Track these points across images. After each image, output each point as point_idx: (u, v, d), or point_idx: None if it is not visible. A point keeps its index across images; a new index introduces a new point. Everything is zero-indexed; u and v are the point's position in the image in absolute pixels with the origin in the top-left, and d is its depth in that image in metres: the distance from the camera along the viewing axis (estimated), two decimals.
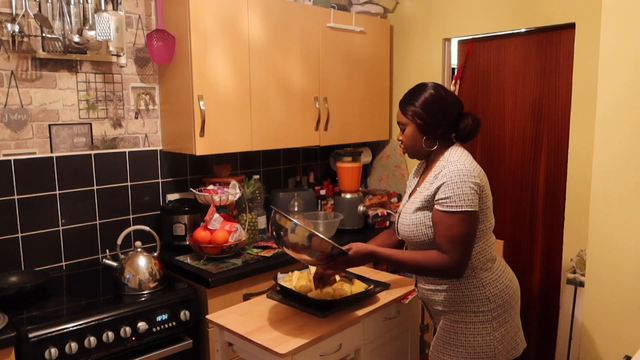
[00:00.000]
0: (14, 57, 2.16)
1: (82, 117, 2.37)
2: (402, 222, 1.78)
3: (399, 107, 1.77)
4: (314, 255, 1.63)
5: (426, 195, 1.68)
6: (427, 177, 1.74)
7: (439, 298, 1.75)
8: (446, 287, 1.73)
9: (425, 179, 1.76)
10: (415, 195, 1.77)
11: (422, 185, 1.75)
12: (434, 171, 1.71)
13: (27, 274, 2.15)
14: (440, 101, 1.71)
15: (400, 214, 1.82)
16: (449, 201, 1.60)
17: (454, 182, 1.61)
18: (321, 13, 2.86)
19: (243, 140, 2.56)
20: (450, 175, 1.62)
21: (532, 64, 2.75)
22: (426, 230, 1.68)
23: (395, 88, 3.40)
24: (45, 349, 1.74)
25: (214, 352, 2.09)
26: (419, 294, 1.88)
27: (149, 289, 2.10)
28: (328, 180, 3.32)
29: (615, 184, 1.98)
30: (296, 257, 1.70)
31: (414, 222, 1.71)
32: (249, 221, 2.53)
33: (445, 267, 1.60)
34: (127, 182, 2.53)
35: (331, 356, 1.76)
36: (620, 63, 1.93)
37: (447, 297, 1.73)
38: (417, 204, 1.72)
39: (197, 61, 2.34)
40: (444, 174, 1.64)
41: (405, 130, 1.76)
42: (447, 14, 3.02)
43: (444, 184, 1.62)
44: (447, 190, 1.61)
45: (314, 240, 1.59)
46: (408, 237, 1.75)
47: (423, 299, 1.86)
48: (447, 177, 1.62)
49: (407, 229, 1.74)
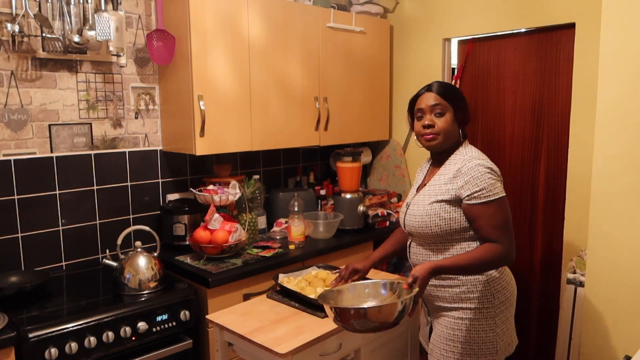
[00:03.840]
0: (14, 57, 2.16)
1: (82, 117, 2.37)
2: (413, 214, 1.77)
3: (437, 91, 1.74)
4: (394, 317, 1.46)
5: (445, 189, 1.69)
6: (441, 171, 1.75)
7: (443, 294, 1.75)
8: (452, 283, 1.73)
9: (436, 172, 1.77)
10: (427, 189, 1.77)
11: (435, 179, 1.76)
12: (451, 166, 1.72)
13: (27, 274, 2.15)
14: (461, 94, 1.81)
15: (409, 207, 1.82)
16: (483, 193, 1.63)
17: (480, 176, 1.64)
18: (321, 13, 2.86)
19: (243, 140, 2.56)
20: (475, 169, 1.65)
21: (532, 64, 2.75)
22: (439, 222, 1.69)
23: (395, 88, 3.40)
24: (45, 349, 1.74)
25: (214, 352, 2.09)
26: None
27: (149, 289, 2.10)
28: (328, 180, 3.32)
29: (615, 184, 1.98)
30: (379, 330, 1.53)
31: (428, 213, 1.71)
32: (249, 221, 2.53)
33: (503, 255, 1.62)
34: (127, 182, 2.53)
35: (331, 356, 1.76)
36: (620, 63, 1.93)
37: (453, 294, 1.72)
38: (433, 197, 1.72)
39: (197, 61, 2.34)
40: (468, 168, 1.66)
41: (444, 115, 1.73)
42: (447, 14, 3.02)
43: (471, 179, 1.64)
44: (476, 184, 1.63)
45: (384, 310, 1.45)
46: (419, 228, 1.75)
47: (424, 296, 1.84)
48: (473, 171, 1.65)
49: (420, 220, 1.73)
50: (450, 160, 1.75)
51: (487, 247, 1.63)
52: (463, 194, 1.66)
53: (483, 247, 1.64)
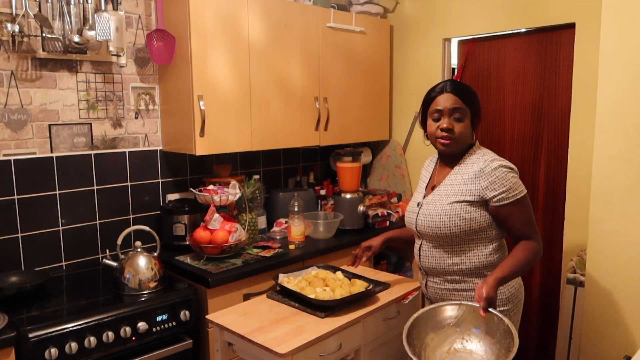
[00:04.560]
0: (14, 57, 2.16)
1: (82, 117, 2.37)
2: (428, 214, 1.74)
3: (457, 93, 1.71)
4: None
5: (466, 189, 1.68)
6: (457, 171, 1.74)
7: (456, 298, 1.73)
8: (466, 287, 1.71)
9: (450, 172, 1.76)
10: (443, 188, 1.75)
11: (451, 178, 1.74)
12: (470, 166, 1.71)
13: (27, 274, 2.15)
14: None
15: (421, 207, 1.79)
16: (509, 193, 1.65)
17: (504, 176, 1.65)
18: (321, 13, 2.86)
19: (243, 140, 2.56)
20: (499, 170, 1.66)
21: (532, 64, 2.75)
22: (459, 222, 1.68)
23: (395, 88, 3.40)
24: (45, 349, 1.74)
25: (214, 352, 2.09)
26: (430, 294, 1.85)
27: (149, 289, 2.10)
28: (328, 180, 3.32)
29: (615, 184, 1.98)
30: None
31: (448, 213, 1.69)
32: (249, 221, 2.53)
33: (538, 250, 1.66)
34: (127, 182, 2.53)
35: (331, 356, 1.76)
36: (620, 63, 1.93)
37: (467, 297, 1.71)
38: (452, 197, 1.70)
39: (197, 61, 2.34)
40: (491, 169, 1.66)
41: (463, 120, 1.71)
42: (447, 14, 3.02)
43: (496, 180, 1.65)
44: (502, 184, 1.65)
45: None
46: (435, 229, 1.72)
47: (434, 298, 1.82)
48: (497, 172, 1.65)
49: (437, 220, 1.70)
50: (467, 160, 1.74)
51: (526, 246, 1.65)
52: (488, 195, 1.66)
53: (524, 247, 1.65)
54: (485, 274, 1.71)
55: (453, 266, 1.74)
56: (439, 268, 1.77)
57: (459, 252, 1.72)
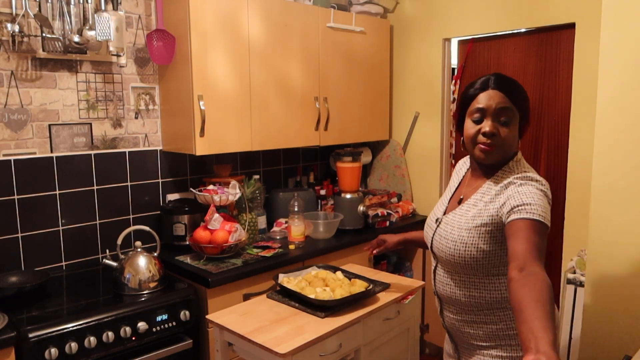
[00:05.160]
0: (14, 57, 2.16)
1: (82, 117, 2.37)
2: (444, 237, 1.47)
3: (503, 89, 1.38)
4: None
5: (485, 209, 1.39)
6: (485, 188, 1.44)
7: (475, 331, 1.48)
8: (487, 320, 1.46)
9: (480, 187, 1.45)
10: (466, 208, 1.46)
11: (477, 197, 1.44)
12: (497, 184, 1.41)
13: (27, 274, 2.15)
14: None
15: (439, 224, 1.52)
16: (529, 207, 1.27)
17: (529, 192, 1.31)
18: (321, 13, 2.86)
19: (243, 140, 2.56)
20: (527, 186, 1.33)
21: (532, 64, 2.75)
22: (477, 254, 1.39)
23: (395, 88, 3.40)
24: (45, 349, 1.74)
25: (214, 352, 2.09)
26: (447, 324, 1.59)
27: (149, 289, 2.10)
28: (328, 180, 3.32)
29: (615, 184, 1.97)
30: None
31: (464, 241, 1.41)
32: (249, 221, 2.53)
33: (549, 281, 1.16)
34: (127, 182, 2.53)
35: (331, 356, 1.76)
36: (620, 63, 1.93)
37: (488, 331, 1.46)
38: (471, 220, 1.41)
39: (197, 61, 2.34)
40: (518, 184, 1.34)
41: (510, 124, 1.38)
42: (447, 14, 3.02)
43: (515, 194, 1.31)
44: (526, 197, 1.30)
45: None
46: (449, 256, 1.45)
47: (451, 329, 1.58)
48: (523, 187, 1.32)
49: (452, 247, 1.43)
50: (501, 175, 1.42)
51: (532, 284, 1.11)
52: (504, 213, 1.32)
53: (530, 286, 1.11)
54: (508, 307, 1.43)
55: (470, 298, 1.47)
56: (454, 297, 1.50)
57: (471, 286, 1.45)
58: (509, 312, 1.42)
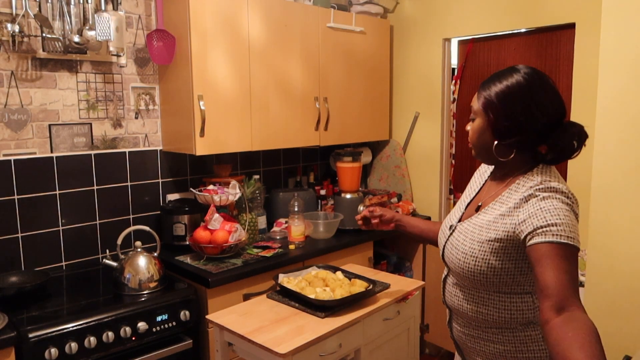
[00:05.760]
0: (14, 57, 2.16)
1: (82, 117, 2.37)
2: (456, 247, 1.37)
3: (480, 88, 1.34)
4: None
5: (501, 223, 1.26)
6: (503, 197, 1.31)
7: (482, 349, 1.39)
8: (492, 338, 1.36)
9: (499, 196, 1.33)
10: (481, 217, 1.34)
11: (495, 206, 1.32)
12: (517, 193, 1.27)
13: (27, 274, 2.15)
14: (528, 97, 1.25)
15: (453, 231, 1.42)
16: (555, 229, 1.13)
17: (558, 208, 1.17)
18: (321, 13, 2.86)
19: (243, 141, 2.56)
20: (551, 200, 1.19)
21: (532, 64, 2.75)
22: (487, 271, 1.28)
23: (395, 88, 3.40)
24: (45, 349, 1.74)
25: (214, 352, 2.09)
26: (455, 337, 1.51)
27: (149, 289, 2.10)
28: (328, 180, 3.32)
29: (615, 184, 1.98)
30: None
31: (474, 254, 1.30)
32: (249, 221, 2.53)
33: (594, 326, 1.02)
34: (127, 182, 2.53)
35: (331, 356, 1.76)
36: (620, 63, 1.93)
37: (495, 352, 1.36)
38: (485, 233, 1.30)
39: (197, 61, 2.34)
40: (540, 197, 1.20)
41: (475, 119, 1.33)
42: (447, 14, 3.02)
43: (538, 212, 1.18)
44: (550, 215, 1.16)
45: None
46: (458, 268, 1.36)
47: (458, 341, 1.50)
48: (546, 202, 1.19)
49: (462, 259, 1.34)
50: (520, 182, 1.29)
51: (583, 328, 0.99)
52: (524, 232, 1.19)
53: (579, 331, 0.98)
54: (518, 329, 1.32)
55: (477, 314, 1.36)
56: (462, 310, 1.41)
57: (486, 299, 1.34)
58: (519, 335, 1.32)
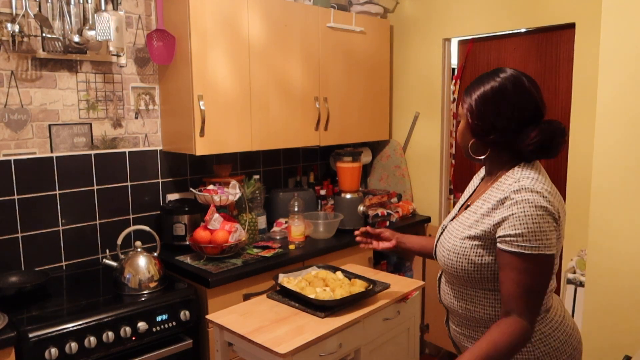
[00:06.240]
0: (14, 57, 2.16)
1: (82, 117, 2.37)
2: (444, 246, 1.43)
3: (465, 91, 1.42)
4: None
5: (483, 223, 1.32)
6: (487, 194, 1.36)
7: None
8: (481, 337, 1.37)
9: (484, 194, 1.38)
10: (467, 215, 1.40)
11: (479, 204, 1.37)
12: (497, 191, 1.32)
13: (27, 274, 2.15)
14: (501, 98, 1.31)
15: (444, 231, 1.48)
16: (519, 240, 1.22)
17: (528, 215, 1.22)
18: (321, 13, 2.86)
19: (243, 141, 2.56)
20: (523, 204, 1.24)
21: (532, 64, 2.75)
22: (468, 266, 1.34)
23: (395, 88, 3.40)
24: (45, 349, 1.74)
25: (214, 352, 2.09)
26: (452, 336, 1.54)
27: (149, 289, 2.10)
28: (328, 180, 3.32)
29: (615, 183, 1.98)
30: None
31: (457, 251, 1.36)
32: (249, 221, 2.53)
33: (525, 334, 1.22)
34: (127, 182, 2.53)
35: (331, 356, 1.76)
36: (620, 63, 1.93)
37: None
38: (466, 230, 1.36)
39: (197, 61, 2.34)
40: (514, 201, 1.25)
41: (460, 122, 1.42)
42: (447, 14, 3.02)
43: (513, 216, 1.24)
44: (519, 224, 1.23)
45: None
46: (444, 265, 1.43)
47: (454, 340, 1.54)
48: (518, 207, 1.24)
49: (447, 256, 1.40)
50: (501, 180, 1.34)
51: (508, 326, 1.22)
52: (497, 233, 1.27)
53: (500, 328, 1.22)
54: None
55: (466, 311, 1.41)
56: (453, 308, 1.46)
57: (472, 297, 1.38)
58: None
